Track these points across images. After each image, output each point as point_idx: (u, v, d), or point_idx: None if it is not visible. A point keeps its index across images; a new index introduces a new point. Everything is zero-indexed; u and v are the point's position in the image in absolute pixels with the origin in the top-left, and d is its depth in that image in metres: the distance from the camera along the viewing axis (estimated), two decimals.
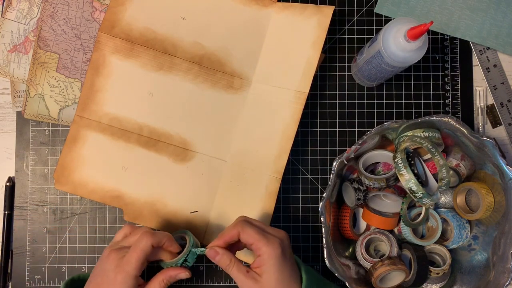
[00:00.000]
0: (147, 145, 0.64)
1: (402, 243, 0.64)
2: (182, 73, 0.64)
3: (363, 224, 0.66)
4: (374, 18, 0.68)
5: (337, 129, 0.67)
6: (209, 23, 0.64)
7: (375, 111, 0.67)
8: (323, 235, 0.59)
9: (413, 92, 0.68)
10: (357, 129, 0.67)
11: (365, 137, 0.59)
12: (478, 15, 0.68)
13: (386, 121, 0.60)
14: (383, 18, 0.68)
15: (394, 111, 0.67)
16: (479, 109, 0.68)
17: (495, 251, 0.60)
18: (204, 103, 0.64)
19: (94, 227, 0.66)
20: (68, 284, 0.57)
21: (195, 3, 0.64)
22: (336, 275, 0.58)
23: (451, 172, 0.63)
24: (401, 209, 0.62)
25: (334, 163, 0.59)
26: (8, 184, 0.65)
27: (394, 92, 0.68)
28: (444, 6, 0.68)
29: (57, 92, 0.65)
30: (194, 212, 0.64)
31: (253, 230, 0.53)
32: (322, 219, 0.58)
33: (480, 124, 0.68)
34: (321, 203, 0.59)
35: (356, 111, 0.67)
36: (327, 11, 0.63)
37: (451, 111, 0.67)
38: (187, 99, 0.64)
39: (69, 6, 0.65)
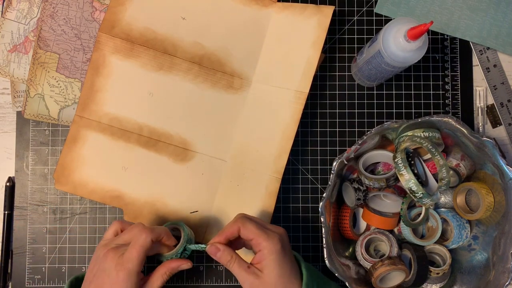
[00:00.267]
0: (147, 145, 0.64)
1: (402, 243, 0.64)
2: (182, 73, 0.64)
3: (363, 224, 0.66)
4: (374, 18, 0.68)
5: (337, 129, 0.67)
6: (209, 23, 0.64)
7: (375, 111, 0.67)
8: (323, 235, 0.59)
9: (413, 92, 0.68)
10: (357, 129, 0.67)
11: (365, 137, 0.59)
12: (478, 15, 0.67)
13: (386, 121, 0.60)
14: (383, 18, 0.68)
15: (394, 111, 0.67)
16: (479, 109, 0.68)
17: (495, 251, 0.60)
18: (204, 103, 0.64)
19: (94, 227, 0.66)
20: (73, 282, 0.56)
21: (195, 3, 0.64)
22: (336, 275, 0.58)
23: (451, 172, 0.63)
24: (401, 209, 0.62)
25: (334, 163, 0.59)
26: (8, 184, 0.65)
27: (394, 92, 0.68)
28: (444, 6, 0.68)
29: (57, 92, 0.65)
30: (194, 212, 0.64)
31: (253, 225, 0.53)
32: (322, 219, 0.58)
33: (480, 124, 0.68)
34: (321, 203, 0.59)
35: (356, 111, 0.67)
36: (327, 11, 0.63)
37: (451, 111, 0.67)
38: (187, 99, 0.64)
39: (69, 6, 0.65)
